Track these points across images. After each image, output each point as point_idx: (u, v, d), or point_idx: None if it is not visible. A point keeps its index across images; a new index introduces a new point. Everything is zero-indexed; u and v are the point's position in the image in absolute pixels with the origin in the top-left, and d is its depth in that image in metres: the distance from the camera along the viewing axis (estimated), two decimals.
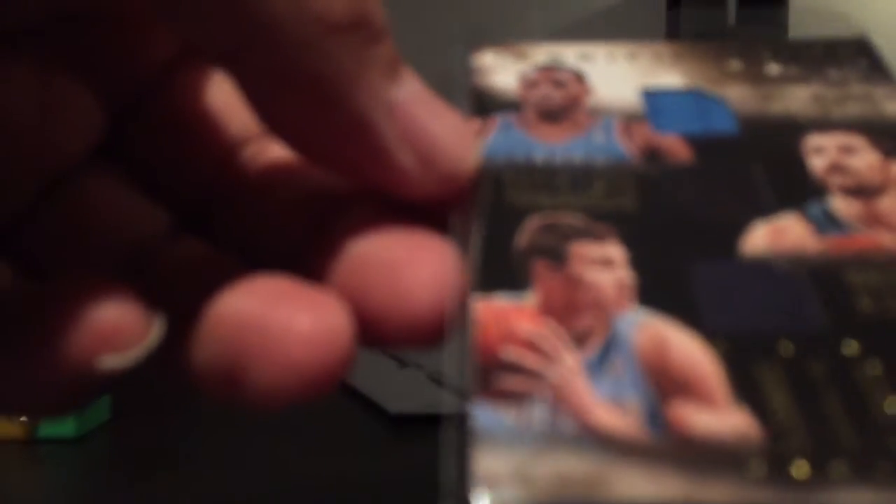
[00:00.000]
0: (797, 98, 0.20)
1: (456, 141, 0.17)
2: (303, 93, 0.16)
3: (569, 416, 0.13)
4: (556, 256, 0.16)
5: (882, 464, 0.13)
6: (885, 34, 0.25)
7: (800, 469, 0.13)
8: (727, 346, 0.15)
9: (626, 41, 0.23)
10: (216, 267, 0.18)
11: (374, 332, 0.16)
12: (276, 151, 0.19)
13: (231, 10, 0.15)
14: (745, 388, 0.14)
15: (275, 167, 0.19)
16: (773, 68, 0.21)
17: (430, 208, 0.17)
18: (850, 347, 0.15)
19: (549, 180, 0.18)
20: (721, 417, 0.13)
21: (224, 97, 0.20)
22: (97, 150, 0.19)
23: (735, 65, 0.22)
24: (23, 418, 0.40)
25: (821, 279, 0.16)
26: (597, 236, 0.17)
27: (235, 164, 0.19)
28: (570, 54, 0.22)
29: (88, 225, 0.18)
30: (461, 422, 0.13)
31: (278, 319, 0.15)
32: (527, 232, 0.17)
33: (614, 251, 0.16)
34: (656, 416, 0.13)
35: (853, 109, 0.20)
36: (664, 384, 0.14)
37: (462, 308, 0.15)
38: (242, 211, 0.19)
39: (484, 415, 0.13)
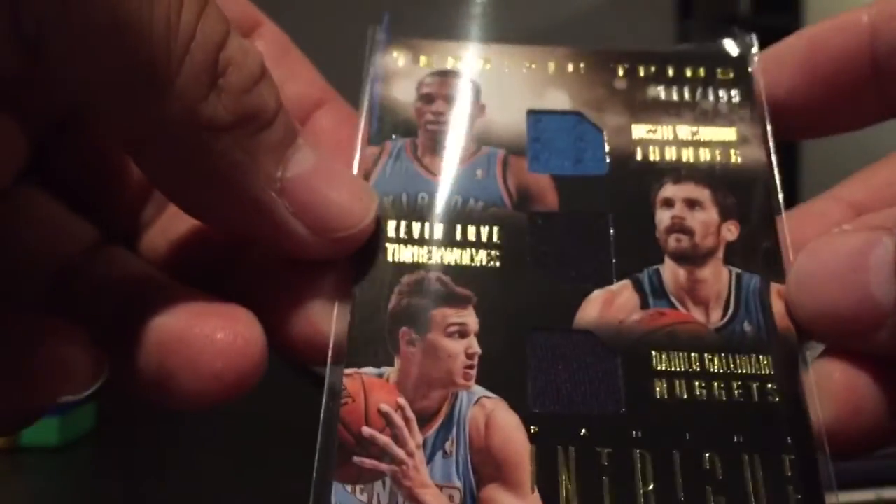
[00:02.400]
0: (665, 135, 0.22)
1: (348, 207, 0.20)
2: (198, 180, 0.18)
3: (405, 496, 0.18)
4: (419, 323, 0.20)
5: None
6: None
7: None
8: (540, 429, 0.19)
9: (529, 46, 0.24)
10: (140, 279, 0.21)
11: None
12: None
13: (131, 112, 0.17)
14: (545, 472, 0.18)
15: None
16: (655, 91, 0.23)
17: (329, 263, 0.20)
18: (635, 434, 0.19)
19: (424, 231, 0.21)
20: (521, 501, 0.18)
21: None
22: (23, 173, 0.21)
23: (621, 83, 0.23)
24: None
25: (631, 360, 0.19)
26: (458, 302, 0.20)
27: None
28: (469, 58, 0.23)
29: (16, 240, 0.20)
30: (322, 493, 0.18)
31: (200, 334, 0.18)
32: (396, 295, 0.20)
33: (470, 319, 0.20)
34: (473, 500, 0.18)
35: (709, 156, 0.22)
36: (484, 467, 0.18)
37: (336, 379, 0.19)
38: (165, 226, 0.22)
39: (339, 492, 0.18)
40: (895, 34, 0.21)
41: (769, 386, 0.19)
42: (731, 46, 0.24)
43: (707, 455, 0.18)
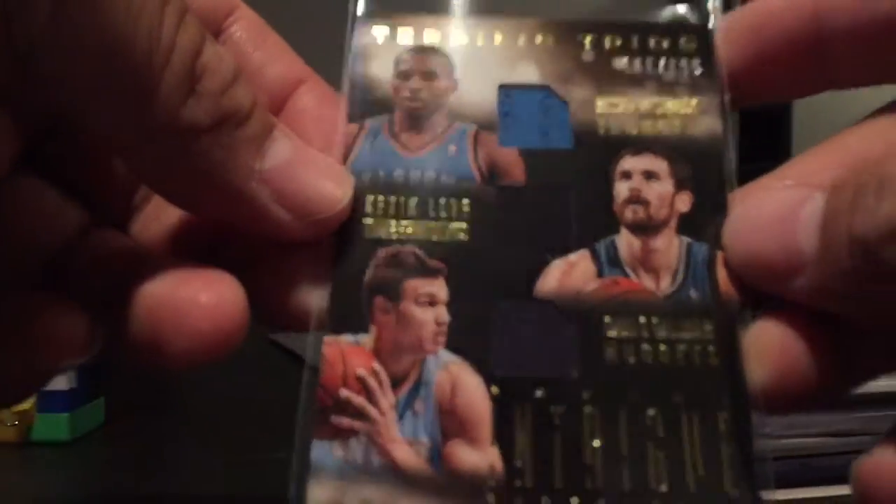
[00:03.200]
0: (627, 108, 0.24)
1: (326, 191, 0.21)
2: (182, 178, 0.20)
3: (377, 452, 0.20)
4: (392, 293, 0.22)
5: (573, 499, 0.20)
6: None
7: None
8: (500, 390, 0.21)
9: (501, 18, 0.25)
10: (130, 256, 0.23)
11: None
12: None
13: (117, 119, 0.19)
14: (503, 429, 0.20)
15: None
16: (620, 62, 0.24)
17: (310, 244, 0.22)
18: (586, 395, 0.21)
19: (399, 207, 0.23)
20: (481, 455, 0.20)
21: None
22: (17, 161, 0.22)
23: (588, 56, 0.24)
24: (16, 422, 0.40)
25: (584, 326, 0.21)
26: (428, 273, 0.22)
27: None
28: (444, 32, 0.25)
29: (12, 225, 0.22)
30: (304, 452, 0.20)
31: (185, 297, 0.20)
32: (372, 267, 0.22)
33: (440, 289, 0.22)
34: (438, 453, 0.20)
35: (669, 127, 0.23)
36: (449, 424, 0.20)
37: (317, 345, 0.21)
38: (155, 210, 0.24)
39: (319, 449, 0.20)
40: (836, 21, 0.22)
41: (710, 349, 0.21)
42: (692, 13, 0.25)
43: (649, 413, 0.20)
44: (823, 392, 0.21)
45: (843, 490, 0.31)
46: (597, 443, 0.20)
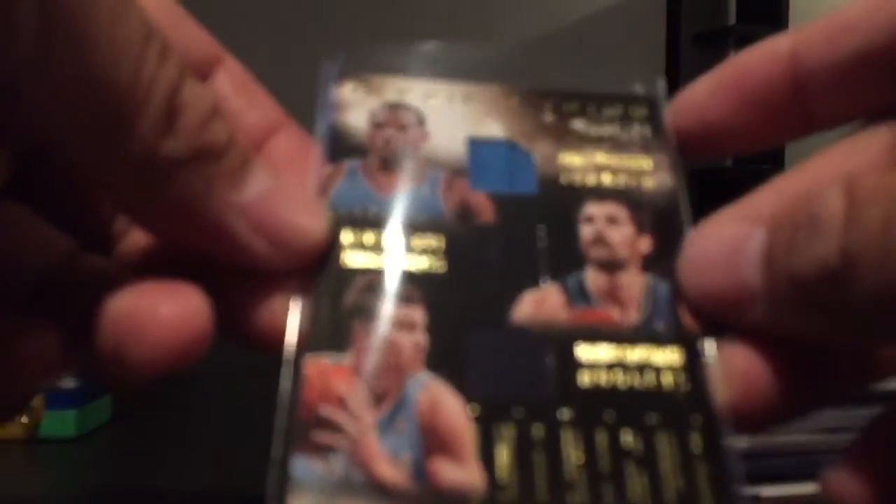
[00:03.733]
0: (587, 162, 0.25)
1: (303, 224, 0.22)
2: (161, 210, 0.21)
3: (359, 468, 0.20)
4: (372, 318, 0.22)
5: None
6: None
7: None
8: (480, 409, 0.21)
9: (466, 82, 0.27)
10: (108, 279, 0.22)
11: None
12: None
13: (97, 153, 0.20)
14: (484, 446, 0.20)
15: None
16: (578, 124, 0.26)
17: (287, 274, 0.22)
18: (564, 414, 0.21)
19: (377, 241, 0.23)
20: (464, 471, 0.20)
21: None
22: (4, 190, 0.22)
23: (548, 117, 0.26)
24: (24, 418, 0.41)
25: (559, 351, 0.22)
26: (406, 301, 0.22)
27: None
28: (416, 93, 0.26)
29: None
30: (283, 467, 0.19)
31: (146, 307, 0.20)
32: (351, 293, 0.22)
33: (417, 315, 0.22)
34: (420, 469, 0.20)
35: (626, 181, 0.25)
36: (430, 441, 0.20)
37: (297, 364, 0.21)
38: (136, 236, 0.24)
39: (299, 465, 0.20)
40: (814, 56, 0.24)
41: (679, 375, 0.22)
42: (640, 88, 0.27)
43: (626, 432, 0.21)
44: (789, 411, 0.22)
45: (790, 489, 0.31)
46: (578, 460, 0.20)
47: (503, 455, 0.20)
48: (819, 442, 0.30)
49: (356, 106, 0.26)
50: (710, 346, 0.22)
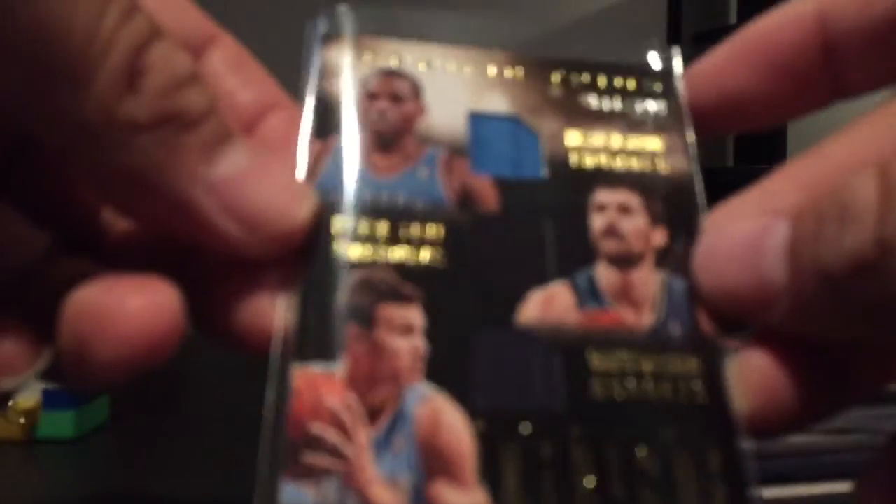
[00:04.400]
0: (598, 142, 0.23)
1: (282, 205, 0.20)
2: (125, 181, 0.19)
3: (354, 493, 0.18)
4: (366, 320, 0.20)
5: None
6: None
7: None
8: (484, 425, 0.19)
9: (469, 47, 0.24)
10: (83, 277, 0.20)
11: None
12: None
13: (49, 114, 0.18)
14: (489, 467, 0.19)
15: None
16: (588, 99, 0.24)
17: (267, 265, 0.20)
18: (575, 431, 0.19)
19: (371, 229, 0.21)
20: (466, 496, 0.18)
21: None
22: None
23: (556, 91, 0.24)
24: (21, 419, 0.40)
25: (569, 359, 0.20)
26: (403, 299, 0.20)
27: None
28: (412, 58, 0.24)
29: None
30: (271, 492, 0.18)
31: (111, 302, 0.19)
32: (343, 291, 0.20)
33: (416, 316, 0.20)
34: (420, 494, 0.18)
35: (639, 164, 0.23)
36: (431, 463, 0.19)
37: (283, 373, 0.19)
38: (122, 229, 0.22)
39: (288, 490, 0.18)
40: (846, 19, 0.22)
41: (695, 385, 0.20)
42: (655, 59, 0.25)
43: (640, 449, 0.19)
44: (810, 416, 0.20)
45: (844, 487, 0.31)
46: (589, 483, 0.19)
47: (509, 477, 0.19)
48: (821, 443, 0.30)
49: (346, 73, 0.23)
50: (728, 351, 0.21)
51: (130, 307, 0.18)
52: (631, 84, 0.24)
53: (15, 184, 0.21)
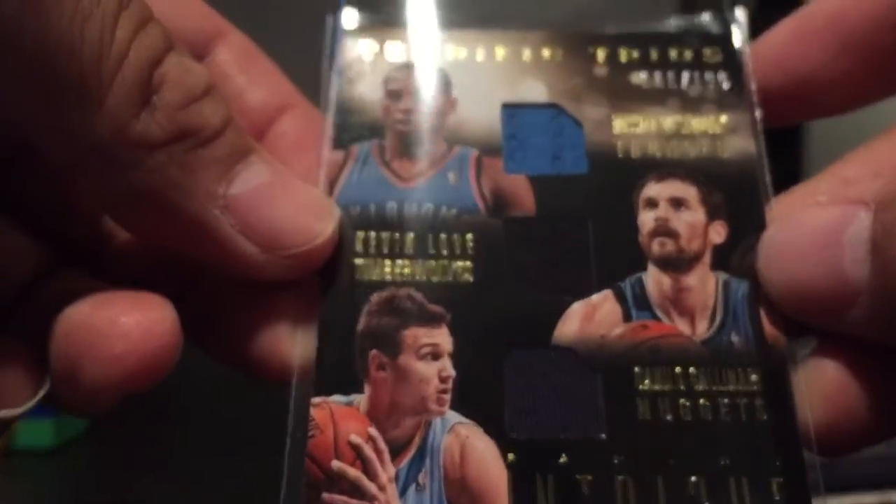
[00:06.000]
0: (649, 127, 0.21)
1: (302, 223, 0.19)
2: (135, 200, 0.18)
3: None
4: (389, 345, 0.19)
5: None
6: None
7: None
8: (517, 455, 0.18)
9: (497, 28, 0.22)
10: (81, 293, 0.20)
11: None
12: None
13: (62, 132, 0.17)
14: (523, 502, 0.17)
15: None
16: (638, 78, 0.22)
17: (287, 288, 0.19)
18: (618, 460, 0.18)
19: (394, 244, 0.20)
20: None
21: None
22: None
23: (601, 70, 0.22)
24: None
25: (611, 378, 0.18)
26: (431, 321, 0.19)
27: None
28: (439, 47, 0.22)
29: None
30: None
31: (103, 319, 0.18)
32: (366, 314, 0.19)
33: (444, 338, 0.19)
34: None
35: (695, 149, 0.21)
36: (459, 500, 0.17)
37: (301, 406, 0.18)
38: (124, 244, 0.21)
39: None
40: None
41: (757, 402, 0.18)
42: (713, 23, 0.22)
43: (692, 480, 0.17)
44: (886, 432, 0.18)
45: (864, 498, 0.28)
46: None
47: None
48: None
49: (368, 71, 0.22)
50: (796, 360, 0.18)
51: (123, 325, 0.18)
52: (687, 55, 0.22)
53: (10, 194, 0.20)
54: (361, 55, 0.22)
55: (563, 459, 0.18)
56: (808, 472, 0.18)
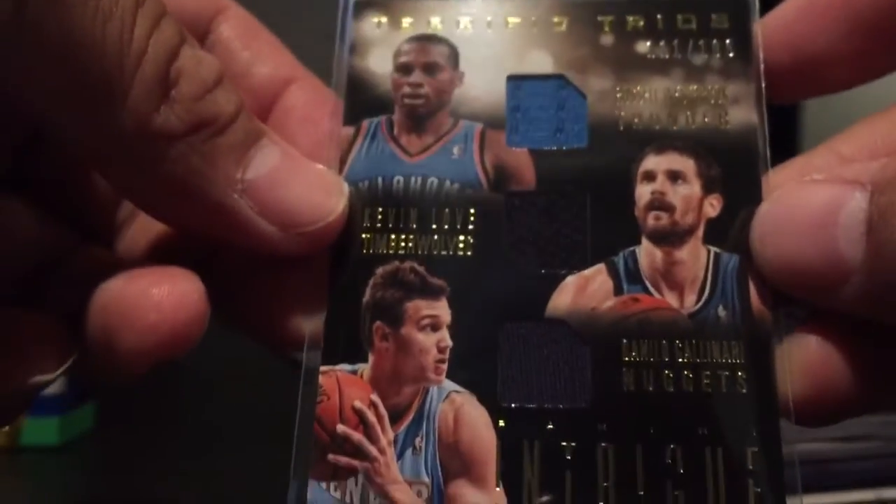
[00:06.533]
0: (652, 98, 0.21)
1: (315, 201, 0.20)
2: (159, 188, 0.19)
3: (376, 494, 0.19)
4: (392, 317, 0.20)
5: None
6: None
7: None
8: (507, 422, 0.19)
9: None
10: (102, 268, 0.22)
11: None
12: None
13: (87, 126, 0.18)
14: (510, 467, 0.19)
15: None
16: (643, 46, 0.22)
17: (300, 263, 0.20)
18: (601, 428, 0.19)
19: (399, 219, 0.21)
20: (486, 497, 0.19)
21: None
22: (2, 179, 0.21)
23: (607, 39, 0.22)
24: (6, 427, 0.40)
25: (599, 350, 0.19)
26: (432, 293, 0.20)
27: None
28: (448, 18, 0.22)
29: None
30: (300, 490, 0.19)
31: (136, 291, 0.19)
32: (370, 288, 0.20)
33: (442, 311, 0.20)
34: (440, 495, 0.19)
35: (696, 119, 0.21)
36: (452, 462, 0.19)
37: (311, 375, 0.20)
38: (143, 225, 0.22)
39: (315, 489, 0.19)
40: None
41: (738, 375, 0.19)
42: None
43: (670, 449, 0.19)
44: (861, 406, 0.19)
45: (858, 496, 0.29)
46: (612, 483, 0.19)
47: (530, 477, 0.19)
48: (833, 451, 0.27)
49: (378, 44, 0.22)
50: (780, 334, 0.19)
51: (154, 295, 0.19)
52: (693, 22, 0.22)
53: (31, 179, 0.21)
54: (372, 28, 0.22)
55: (549, 427, 0.19)
56: (781, 444, 0.18)
